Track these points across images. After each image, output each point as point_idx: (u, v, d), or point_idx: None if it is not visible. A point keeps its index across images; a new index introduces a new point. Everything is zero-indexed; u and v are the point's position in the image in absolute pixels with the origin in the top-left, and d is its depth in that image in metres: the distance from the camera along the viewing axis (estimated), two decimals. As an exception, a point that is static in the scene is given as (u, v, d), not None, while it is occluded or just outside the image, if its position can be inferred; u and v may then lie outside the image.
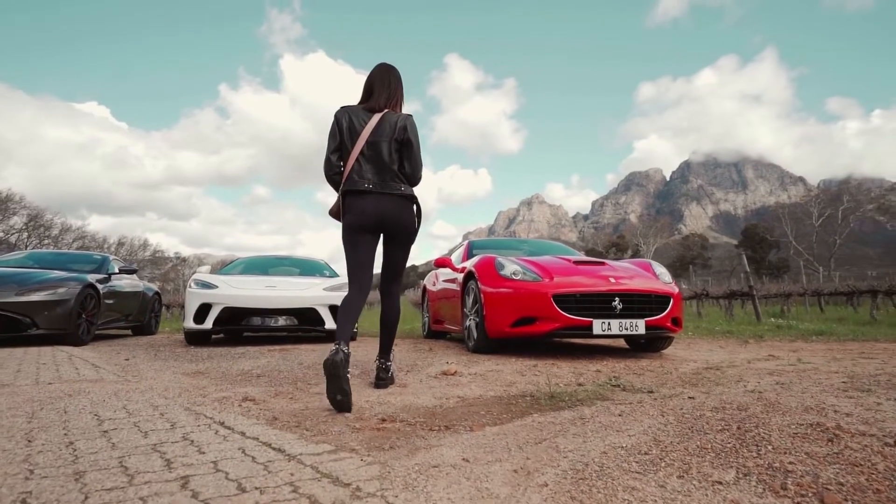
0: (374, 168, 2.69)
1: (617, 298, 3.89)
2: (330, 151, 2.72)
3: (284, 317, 5.47)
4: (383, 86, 2.81)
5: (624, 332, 3.85)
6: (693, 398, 2.43)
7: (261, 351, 4.76)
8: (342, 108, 2.78)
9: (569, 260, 4.50)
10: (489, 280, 4.26)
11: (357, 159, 2.68)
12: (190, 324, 5.34)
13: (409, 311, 26.06)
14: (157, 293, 8.59)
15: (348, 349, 2.40)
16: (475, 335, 4.44)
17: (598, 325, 3.82)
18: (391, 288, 2.92)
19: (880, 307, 9.82)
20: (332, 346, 2.46)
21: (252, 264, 7.04)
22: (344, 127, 2.71)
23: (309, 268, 7.12)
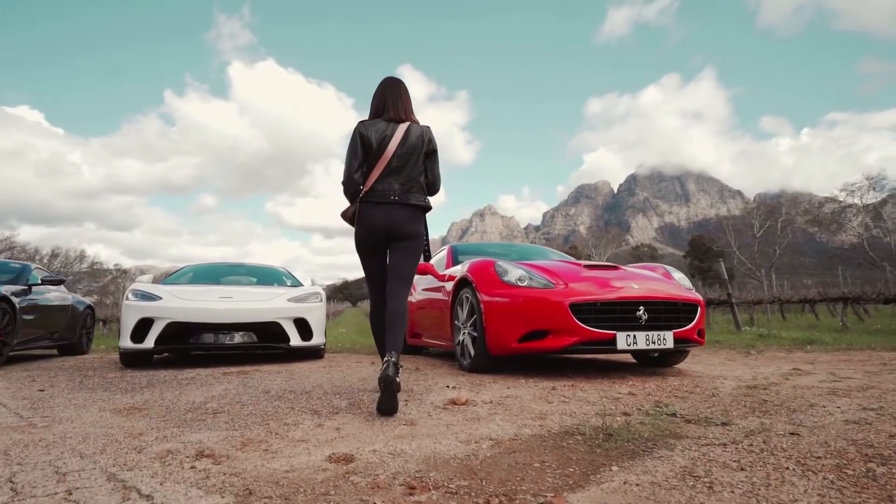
0: (400, 179, 2.71)
1: (642, 307, 3.38)
2: (354, 169, 2.71)
3: (242, 332, 4.68)
4: (398, 97, 2.83)
5: (651, 345, 3.33)
6: (796, 435, 1.91)
7: (214, 374, 3.97)
8: (362, 122, 2.78)
9: (578, 264, 3.97)
10: (489, 287, 3.66)
11: (383, 170, 2.69)
12: (127, 343, 4.47)
13: (366, 324, 25.16)
14: (89, 307, 7.52)
15: (397, 358, 2.45)
16: (471, 352, 3.82)
17: (622, 339, 3.29)
18: (397, 290, 2.79)
19: (848, 314, 9.85)
20: (383, 362, 2.46)
21: (202, 272, 6.17)
22: (371, 140, 2.70)
23: (268, 276, 6.30)
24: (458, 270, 4.31)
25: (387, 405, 2.35)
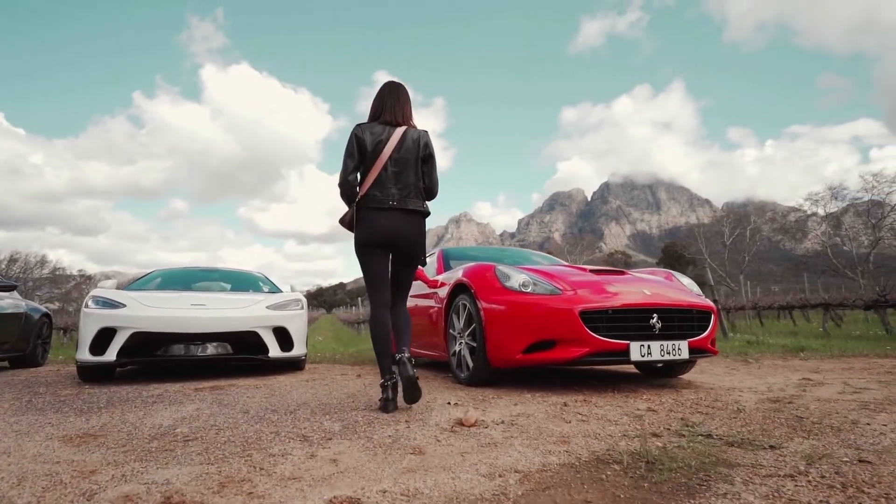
0: (397, 184, 2.70)
1: (655, 315, 3.14)
2: (349, 171, 2.70)
3: (215, 343, 4.28)
4: (397, 101, 2.81)
5: (665, 356, 3.09)
6: (866, 462, 1.67)
7: (184, 390, 3.58)
8: (359, 125, 2.76)
9: (582, 269, 3.72)
10: (490, 294, 3.38)
11: (380, 174, 2.67)
12: (85, 355, 4.03)
13: (343, 331, 24.53)
14: (46, 315, 6.96)
15: (409, 354, 2.65)
16: (469, 363, 3.53)
17: (635, 350, 3.04)
18: (401, 300, 2.93)
19: (829, 320, 9.89)
20: (398, 362, 2.66)
21: (172, 278, 5.72)
22: (366, 143, 2.68)
23: (244, 282, 5.89)
24: (453, 276, 4.02)
25: (412, 398, 2.61)
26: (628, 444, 2.00)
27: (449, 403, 2.86)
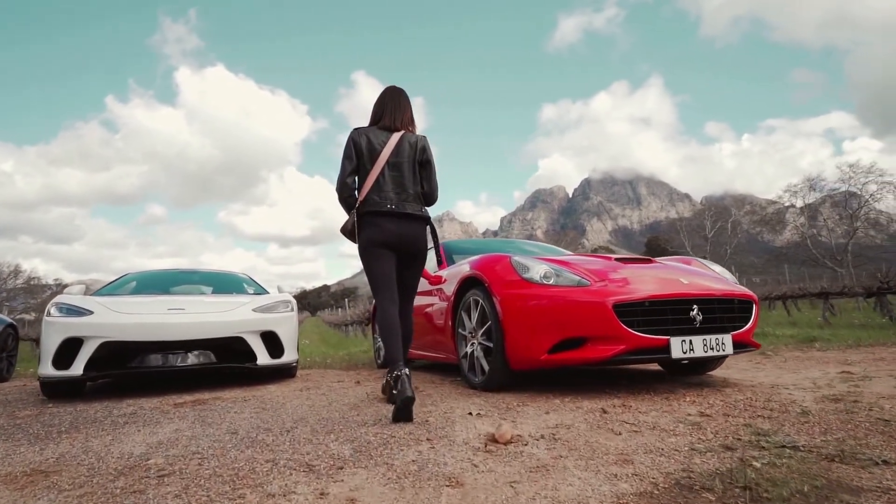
0: (395, 188, 2.69)
1: (695, 306, 2.80)
2: (347, 174, 2.69)
3: (197, 351, 3.84)
4: (397, 106, 2.81)
5: (709, 352, 2.75)
6: None
7: (162, 406, 3.15)
8: (357, 129, 2.76)
9: (605, 258, 3.37)
10: (507, 288, 3.01)
11: (377, 179, 2.67)
12: (48, 369, 3.56)
13: (329, 333, 23.91)
14: (11, 326, 6.42)
15: (408, 369, 2.45)
16: (484, 366, 3.16)
17: (677, 346, 2.70)
18: (408, 307, 2.89)
19: (828, 310, 9.74)
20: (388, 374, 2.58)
21: (147, 281, 5.24)
22: (363, 147, 2.69)
23: (227, 284, 5.43)
24: (459, 270, 3.64)
25: (405, 417, 2.36)
26: (705, 463, 1.65)
27: (470, 414, 2.48)
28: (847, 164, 39.59)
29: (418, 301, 4.22)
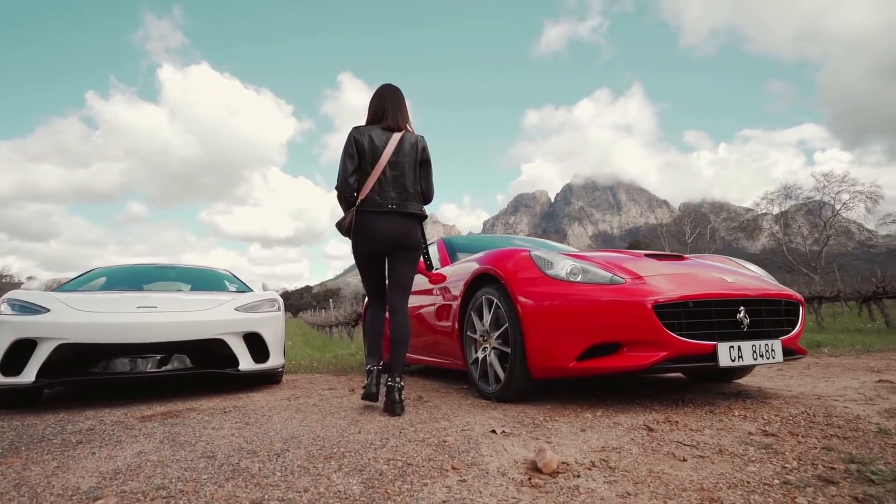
0: (396, 187, 2.69)
1: (742, 308, 2.48)
2: (349, 173, 2.68)
3: (170, 355, 3.40)
4: (396, 106, 2.80)
5: (758, 359, 2.43)
6: None
7: (126, 420, 2.71)
8: (356, 128, 2.76)
9: (633, 254, 3.03)
10: (529, 286, 2.65)
11: (379, 179, 2.67)
12: (-5, 375, 3.09)
13: (312, 334, 23.28)
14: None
15: (402, 382, 2.63)
16: (499, 374, 2.79)
17: (724, 353, 2.37)
18: (400, 303, 2.80)
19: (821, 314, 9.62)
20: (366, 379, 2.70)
21: (118, 276, 4.76)
22: (365, 146, 2.68)
23: (206, 280, 4.97)
24: (468, 266, 3.28)
25: (368, 400, 2.69)
26: (804, 499, 1.32)
27: (494, 432, 2.11)
28: (821, 173, 40.39)
29: (417, 301, 3.85)
